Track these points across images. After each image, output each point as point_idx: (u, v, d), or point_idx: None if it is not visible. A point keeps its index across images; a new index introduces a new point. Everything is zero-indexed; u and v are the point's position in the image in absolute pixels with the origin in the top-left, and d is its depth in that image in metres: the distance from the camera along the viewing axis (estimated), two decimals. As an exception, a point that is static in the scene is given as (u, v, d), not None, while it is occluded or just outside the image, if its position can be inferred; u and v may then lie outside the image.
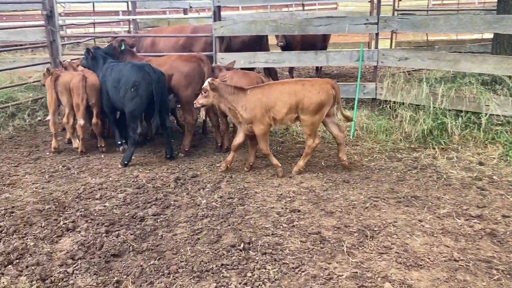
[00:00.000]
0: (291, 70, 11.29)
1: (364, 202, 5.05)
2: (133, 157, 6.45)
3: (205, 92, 5.66)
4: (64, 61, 7.51)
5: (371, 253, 4.04)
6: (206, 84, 5.66)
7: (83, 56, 7.11)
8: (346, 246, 4.12)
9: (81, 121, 6.61)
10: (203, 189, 5.44)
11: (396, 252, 4.03)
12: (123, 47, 7.21)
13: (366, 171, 5.97)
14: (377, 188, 5.43)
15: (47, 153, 6.88)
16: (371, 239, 4.26)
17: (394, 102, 7.62)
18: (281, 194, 5.27)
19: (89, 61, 6.97)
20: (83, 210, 4.85)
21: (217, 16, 8.10)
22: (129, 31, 11.47)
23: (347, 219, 4.65)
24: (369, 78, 10.86)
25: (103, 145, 6.91)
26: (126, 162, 6.25)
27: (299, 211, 4.84)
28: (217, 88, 5.60)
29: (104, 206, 4.99)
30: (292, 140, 7.29)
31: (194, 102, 5.84)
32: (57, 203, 5.01)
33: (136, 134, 6.33)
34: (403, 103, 7.42)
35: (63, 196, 5.25)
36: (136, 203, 5.05)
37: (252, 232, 4.38)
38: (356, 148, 6.84)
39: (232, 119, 6.02)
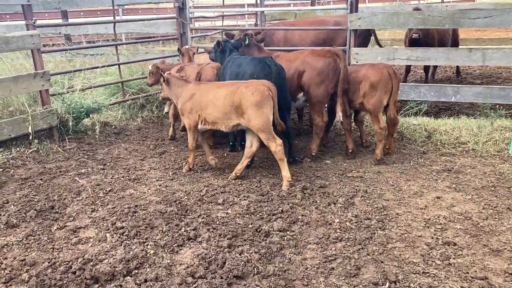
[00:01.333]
0: (427, 69, 9.93)
1: (542, 241, 3.99)
2: (255, 159, 6.04)
3: (161, 85, 5.96)
4: (183, 47, 7.66)
5: None
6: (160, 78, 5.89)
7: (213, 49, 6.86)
8: (527, 304, 3.18)
9: None
10: (334, 204, 4.76)
11: None
12: (247, 41, 6.81)
13: (537, 198, 4.82)
14: (558, 223, 4.30)
15: (172, 148, 6.77)
16: (561, 297, 3.26)
17: None
18: (429, 219, 4.41)
19: (218, 54, 6.67)
20: (205, 216, 4.49)
21: (354, 7, 7.33)
22: (255, 24, 11.13)
23: (521, 263, 3.67)
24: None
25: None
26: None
27: (454, 244, 3.95)
28: (168, 80, 5.73)
29: (227, 213, 4.58)
30: (436, 151, 6.26)
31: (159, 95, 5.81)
32: (179, 205, 4.72)
33: None
34: None
35: (185, 197, 4.97)
36: (260, 214, 4.56)
37: (397, 267, 3.62)
38: (519, 167, 5.64)
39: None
